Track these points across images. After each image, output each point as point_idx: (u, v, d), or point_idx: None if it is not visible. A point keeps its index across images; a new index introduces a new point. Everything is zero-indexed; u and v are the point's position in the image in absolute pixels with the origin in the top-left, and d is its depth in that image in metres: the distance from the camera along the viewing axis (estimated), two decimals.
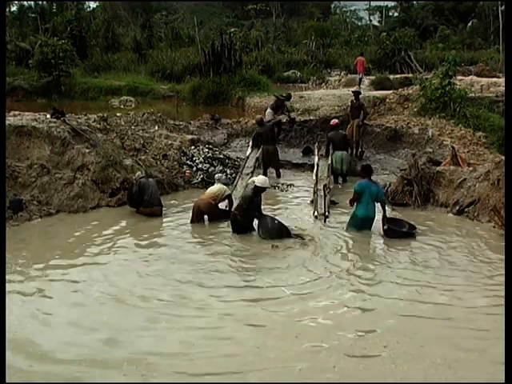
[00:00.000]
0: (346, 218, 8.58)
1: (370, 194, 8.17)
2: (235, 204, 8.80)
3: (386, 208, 8.40)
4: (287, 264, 7.06)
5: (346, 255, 7.46)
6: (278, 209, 9.59)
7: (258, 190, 8.24)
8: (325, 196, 9.48)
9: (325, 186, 9.80)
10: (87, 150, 9.86)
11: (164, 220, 9.06)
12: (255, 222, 8.28)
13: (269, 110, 13.63)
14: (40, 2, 35.75)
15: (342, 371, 4.66)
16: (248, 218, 8.20)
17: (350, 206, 8.50)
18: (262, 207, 8.59)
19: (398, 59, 27.51)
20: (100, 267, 6.96)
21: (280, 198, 10.39)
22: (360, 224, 8.25)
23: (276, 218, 8.31)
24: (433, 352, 4.94)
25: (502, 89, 14.53)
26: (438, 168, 10.08)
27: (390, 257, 7.35)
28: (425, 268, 6.94)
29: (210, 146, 12.55)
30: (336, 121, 11.75)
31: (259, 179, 8.35)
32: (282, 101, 14.08)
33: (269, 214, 8.63)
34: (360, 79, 23.68)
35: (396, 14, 52.16)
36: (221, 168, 11.49)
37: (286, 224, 8.16)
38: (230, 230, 8.34)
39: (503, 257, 6.20)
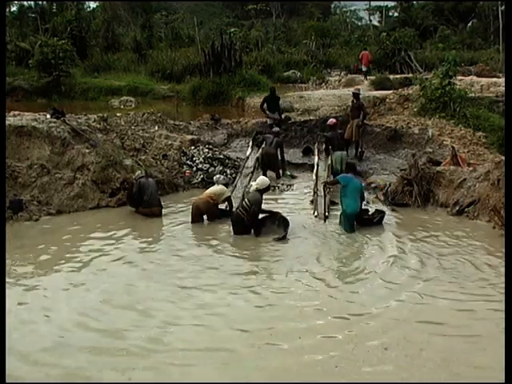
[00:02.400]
0: None
1: (355, 188, 8.46)
2: (235, 205, 8.83)
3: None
4: (286, 270, 6.93)
5: (344, 257, 7.46)
6: (277, 209, 9.57)
7: (263, 191, 8.39)
8: (325, 196, 9.48)
9: (325, 186, 9.80)
10: (87, 150, 9.86)
11: (163, 220, 9.05)
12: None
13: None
14: (40, 2, 35.73)
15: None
16: (254, 220, 8.22)
17: (326, 187, 9.48)
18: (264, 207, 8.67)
19: (398, 59, 27.49)
20: (98, 269, 6.93)
21: (280, 199, 10.39)
22: (352, 219, 8.38)
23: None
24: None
25: (502, 89, 14.53)
26: (438, 168, 10.08)
27: (388, 258, 7.33)
28: (423, 270, 6.91)
29: (210, 147, 12.55)
30: (334, 121, 11.60)
31: (259, 183, 8.40)
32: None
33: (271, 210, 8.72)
34: (365, 72, 24.23)
35: (396, 14, 52.12)
36: (221, 168, 11.48)
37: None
38: (230, 230, 8.34)
39: (503, 257, 6.19)
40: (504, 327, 4.50)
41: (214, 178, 9.36)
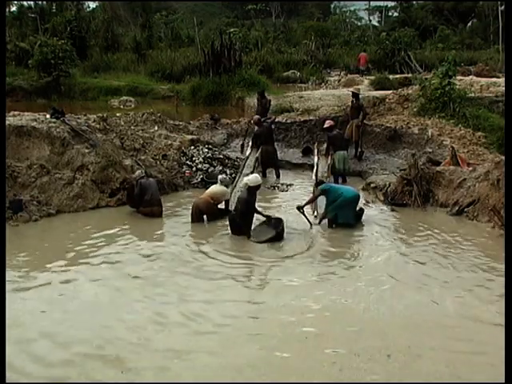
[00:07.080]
0: None
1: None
2: (233, 206, 8.84)
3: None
4: (284, 270, 6.90)
5: (342, 257, 7.45)
6: (277, 209, 9.58)
7: (252, 190, 8.26)
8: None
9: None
10: (87, 150, 9.85)
11: (164, 220, 9.05)
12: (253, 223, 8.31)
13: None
14: (40, 2, 35.75)
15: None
16: (245, 220, 8.20)
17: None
18: (263, 207, 8.64)
19: (398, 59, 27.53)
20: (97, 269, 6.92)
21: (280, 198, 10.39)
22: (355, 205, 8.58)
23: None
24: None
25: (502, 89, 14.52)
26: (438, 168, 10.08)
27: (389, 259, 7.32)
28: (422, 270, 6.90)
29: (210, 146, 12.55)
30: (331, 122, 11.48)
31: (251, 179, 8.37)
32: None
33: (268, 214, 8.70)
34: (362, 71, 26.01)
35: (396, 14, 52.24)
36: (220, 168, 11.49)
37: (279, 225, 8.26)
38: (229, 230, 8.32)
39: (503, 257, 6.19)
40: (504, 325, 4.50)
41: (219, 177, 9.28)
